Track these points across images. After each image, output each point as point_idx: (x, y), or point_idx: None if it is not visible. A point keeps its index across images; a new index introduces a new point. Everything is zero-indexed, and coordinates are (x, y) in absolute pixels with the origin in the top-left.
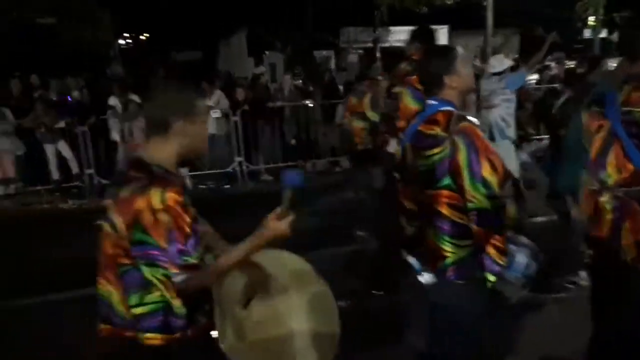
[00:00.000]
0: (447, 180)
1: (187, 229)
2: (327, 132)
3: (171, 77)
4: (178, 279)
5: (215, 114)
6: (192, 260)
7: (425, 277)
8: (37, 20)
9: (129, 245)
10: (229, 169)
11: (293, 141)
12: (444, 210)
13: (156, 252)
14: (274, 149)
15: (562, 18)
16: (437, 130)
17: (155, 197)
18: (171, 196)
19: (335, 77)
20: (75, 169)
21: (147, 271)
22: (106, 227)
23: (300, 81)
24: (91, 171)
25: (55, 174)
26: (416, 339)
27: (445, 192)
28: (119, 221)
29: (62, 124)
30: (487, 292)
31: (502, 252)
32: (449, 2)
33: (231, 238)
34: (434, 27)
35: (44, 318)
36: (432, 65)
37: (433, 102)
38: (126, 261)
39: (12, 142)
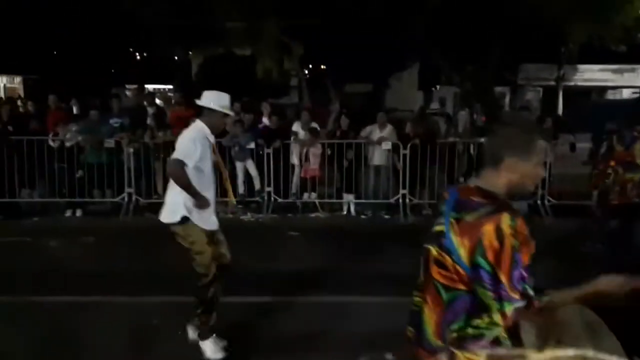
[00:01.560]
0: None
1: (528, 259)
2: None
3: (344, 108)
4: (518, 304)
5: (386, 145)
6: (530, 291)
7: None
8: (235, 51)
9: (466, 269)
10: (392, 200)
11: (462, 179)
12: None
13: (488, 279)
14: (439, 185)
15: None
16: None
17: (506, 221)
18: (521, 223)
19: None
20: (257, 186)
21: (484, 295)
22: (434, 251)
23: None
24: (270, 189)
25: (241, 188)
26: None
27: None
28: (464, 245)
29: (252, 145)
30: None
31: None
32: None
33: (381, 268)
34: (632, 66)
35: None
36: None
37: None
38: (460, 287)
39: None
